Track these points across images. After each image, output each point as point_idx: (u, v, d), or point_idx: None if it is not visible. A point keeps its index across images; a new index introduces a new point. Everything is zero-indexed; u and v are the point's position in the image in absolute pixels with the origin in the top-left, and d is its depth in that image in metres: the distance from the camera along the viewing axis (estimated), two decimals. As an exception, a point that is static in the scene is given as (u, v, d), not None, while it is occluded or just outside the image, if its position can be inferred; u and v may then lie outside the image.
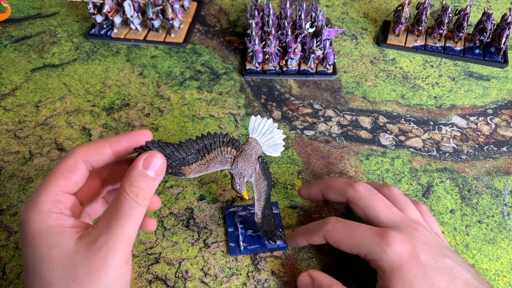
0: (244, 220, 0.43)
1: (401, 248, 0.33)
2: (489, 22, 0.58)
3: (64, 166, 0.31)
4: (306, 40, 0.58)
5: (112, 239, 0.29)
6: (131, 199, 0.30)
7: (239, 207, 0.45)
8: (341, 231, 0.36)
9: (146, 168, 0.31)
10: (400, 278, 0.33)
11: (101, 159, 0.33)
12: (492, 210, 0.45)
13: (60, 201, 0.31)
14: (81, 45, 0.63)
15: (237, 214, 0.44)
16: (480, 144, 0.51)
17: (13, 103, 0.55)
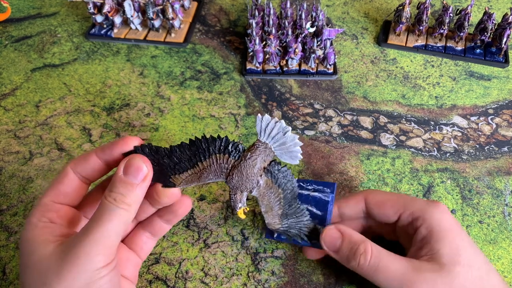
0: None
1: (448, 214, 0.34)
2: (490, 22, 0.58)
3: (55, 179, 0.32)
4: (307, 40, 0.58)
5: (86, 239, 0.28)
6: (109, 203, 0.29)
7: None
8: (384, 192, 0.37)
9: (126, 174, 0.30)
10: (448, 239, 0.33)
11: (89, 168, 0.32)
12: (493, 210, 0.45)
13: (49, 210, 0.31)
14: (81, 45, 0.63)
15: None
16: (481, 144, 0.51)
17: (13, 103, 0.55)
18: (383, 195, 0.37)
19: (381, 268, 0.33)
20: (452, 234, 0.33)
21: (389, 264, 0.33)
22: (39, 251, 0.29)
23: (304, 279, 0.40)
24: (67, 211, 0.32)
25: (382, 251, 0.34)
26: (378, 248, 0.34)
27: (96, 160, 0.32)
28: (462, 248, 0.33)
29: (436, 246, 0.33)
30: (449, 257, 0.32)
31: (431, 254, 0.33)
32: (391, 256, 0.33)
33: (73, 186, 0.32)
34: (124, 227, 0.30)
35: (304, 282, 0.40)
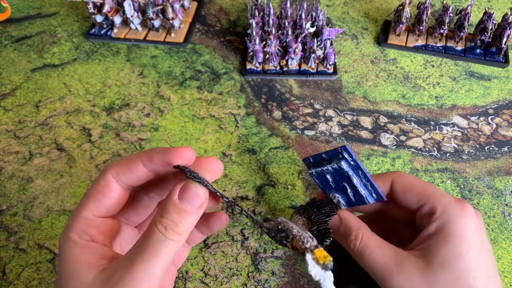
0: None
1: (471, 220, 0.32)
2: (490, 22, 0.58)
3: (95, 188, 0.29)
4: (307, 40, 0.58)
5: (129, 276, 0.25)
6: (159, 232, 0.26)
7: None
8: (415, 179, 0.35)
9: (182, 199, 0.27)
10: (453, 243, 0.31)
11: (134, 176, 0.29)
12: (493, 210, 0.45)
13: (90, 226, 0.28)
14: (81, 45, 0.63)
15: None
16: (481, 144, 0.51)
17: (13, 103, 0.55)
18: (412, 180, 0.35)
19: (367, 255, 0.33)
20: (460, 241, 0.31)
21: (375, 252, 0.33)
22: (79, 276, 0.26)
23: (304, 279, 0.40)
24: (108, 225, 0.29)
25: (373, 239, 0.34)
26: (369, 235, 0.34)
27: (142, 168, 0.29)
28: (464, 257, 0.30)
29: (435, 245, 0.32)
30: (442, 260, 0.31)
31: (426, 251, 0.32)
32: (380, 244, 0.33)
33: (116, 197, 0.29)
34: (171, 260, 0.27)
35: (304, 282, 0.40)
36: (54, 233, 0.43)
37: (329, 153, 0.35)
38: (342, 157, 0.34)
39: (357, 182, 0.35)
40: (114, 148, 0.50)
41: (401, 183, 0.35)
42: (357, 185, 0.35)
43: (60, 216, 0.45)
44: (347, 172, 0.34)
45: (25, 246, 0.42)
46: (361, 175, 0.35)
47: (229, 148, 0.51)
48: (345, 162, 0.34)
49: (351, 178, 0.35)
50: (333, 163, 0.35)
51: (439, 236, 0.32)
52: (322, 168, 0.35)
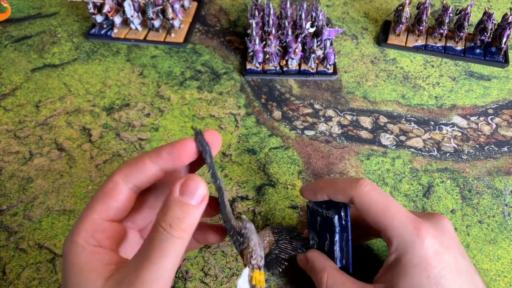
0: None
1: (429, 245, 0.31)
2: (490, 22, 0.58)
3: (103, 191, 0.28)
4: (307, 40, 0.58)
5: (139, 280, 0.24)
6: (163, 230, 0.25)
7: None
8: (375, 199, 0.33)
9: (183, 194, 0.26)
10: (412, 276, 0.31)
11: (144, 177, 0.28)
12: (493, 210, 0.45)
13: (98, 231, 0.27)
14: (81, 45, 0.63)
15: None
16: (481, 144, 0.51)
17: (13, 103, 0.55)
18: (371, 203, 0.33)
19: None
20: (419, 270, 0.31)
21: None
22: (87, 283, 0.26)
23: (304, 279, 0.40)
24: (114, 229, 0.28)
25: (338, 279, 0.34)
26: (334, 276, 0.34)
27: (151, 167, 0.28)
28: (426, 286, 0.30)
29: (396, 278, 0.31)
30: None
31: (388, 284, 0.32)
32: (346, 284, 0.34)
33: (124, 199, 0.28)
34: (178, 260, 0.26)
35: (304, 282, 0.40)
36: (54, 233, 0.43)
37: (332, 202, 0.36)
38: (339, 212, 0.35)
39: (336, 241, 0.35)
40: (114, 148, 0.51)
41: (359, 203, 0.33)
42: (335, 243, 0.35)
43: (60, 216, 0.45)
44: (335, 226, 0.35)
45: (25, 246, 0.42)
46: (343, 238, 0.35)
47: (229, 148, 0.51)
48: (338, 218, 0.35)
49: (334, 234, 0.35)
50: (330, 212, 0.35)
51: (399, 268, 0.32)
52: (319, 209, 0.36)
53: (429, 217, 0.34)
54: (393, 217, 0.32)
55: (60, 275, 0.40)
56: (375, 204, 0.33)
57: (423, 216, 0.34)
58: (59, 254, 0.42)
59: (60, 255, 0.42)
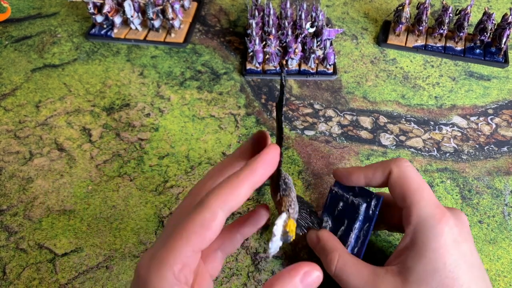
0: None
1: (449, 232, 0.31)
2: (490, 22, 0.58)
3: (200, 220, 0.25)
4: (307, 40, 0.58)
5: None
6: None
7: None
8: (412, 176, 0.33)
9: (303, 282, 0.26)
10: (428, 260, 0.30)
11: (239, 202, 0.26)
12: (492, 210, 0.45)
13: (188, 265, 0.25)
14: (81, 45, 0.63)
15: None
16: (481, 144, 0.51)
17: (13, 103, 0.55)
18: (406, 174, 0.33)
19: (344, 279, 0.34)
20: (436, 255, 0.30)
21: (351, 275, 0.33)
22: None
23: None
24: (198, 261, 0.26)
25: (349, 262, 0.34)
26: (345, 258, 0.34)
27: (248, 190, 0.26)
28: (441, 271, 0.30)
29: (411, 261, 0.31)
30: (418, 277, 0.30)
31: (402, 267, 0.32)
32: (357, 267, 0.33)
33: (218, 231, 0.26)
34: None
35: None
36: (54, 233, 0.43)
37: (363, 190, 0.35)
38: (369, 201, 0.35)
39: (355, 228, 0.35)
40: (114, 148, 0.51)
41: (397, 174, 0.34)
42: (352, 231, 0.35)
43: (60, 216, 0.45)
44: (358, 214, 0.35)
45: (25, 246, 0.42)
46: (364, 227, 0.35)
47: (229, 148, 0.51)
48: (365, 207, 0.35)
49: (355, 221, 0.35)
50: (358, 199, 0.35)
51: (414, 250, 0.31)
52: (345, 194, 0.36)
53: (450, 209, 0.34)
54: (422, 197, 0.32)
55: (60, 275, 0.40)
56: (410, 180, 0.33)
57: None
58: (59, 254, 0.42)
59: (61, 255, 0.42)
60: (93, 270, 0.41)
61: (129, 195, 0.46)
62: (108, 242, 0.43)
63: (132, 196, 0.46)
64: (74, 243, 0.43)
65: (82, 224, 0.44)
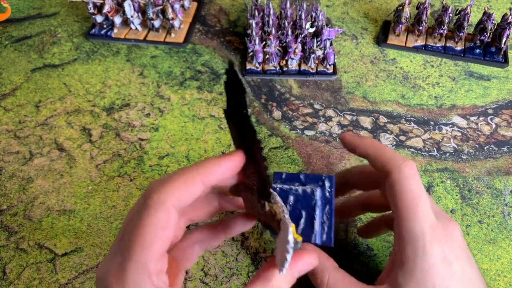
0: None
1: (439, 252, 0.29)
2: (490, 22, 0.58)
3: (155, 222, 0.24)
4: (307, 40, 0.58)
5: None
6: None
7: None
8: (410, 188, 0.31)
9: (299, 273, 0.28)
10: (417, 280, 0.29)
11: (192, 199, 0.26)
12: (492, 210, 0.45)
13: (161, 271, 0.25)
14: (81, 45, 0.63)
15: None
16: (481, 144, 0.51)
17: (13, 103, 0.55)
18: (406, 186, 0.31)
19: None
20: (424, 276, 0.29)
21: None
22: None
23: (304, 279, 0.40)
24: (167, 261, 0.26)
25: (340, 280, 0.33)
26: (335, 278, 0.33)
27: (201, 187, 0.26)
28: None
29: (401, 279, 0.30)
30: None
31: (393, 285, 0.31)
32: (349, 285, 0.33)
33: (175, 228, 0.26)
34: None
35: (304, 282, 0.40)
36: (54, 233, 0.43)
37: (309, 177, 0.34)
38: (321, 184, 0.33)
39: (317, 216, 0.33)
40: (114, 148, 0.51)
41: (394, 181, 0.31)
42: (315, 218, 0.33)
43: (60, 216, 0.45)
44: (316, 201, 0.33)
45: (25, 246, 0.42)
46: (326, 211, 0.33)
47: (229, 148, 0.51)
48: (320, 191, 0.33)
49: (315, 209, 0.33)
50: (307, 187, 0.33)
51: (404, 269, 0.30)
52: (292, 187, 0.34)
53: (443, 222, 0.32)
54: (415, 213, 0.30)
55: (60, 275, 0.40)
56: (407, 191, 0.31)
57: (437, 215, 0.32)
58: (59, 254, 0.42)
59: (61, 255, 0.42)
60: (93, 270, 0.41)
61: (129, 195, 0.46)
62: (108, 242, 0.43)
63: (132, 196, 0.46)
64: (74, 243, 0.43)
65: (82, 224, 0.44)
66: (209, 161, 0.26)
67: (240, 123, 0.26)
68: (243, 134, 0.27)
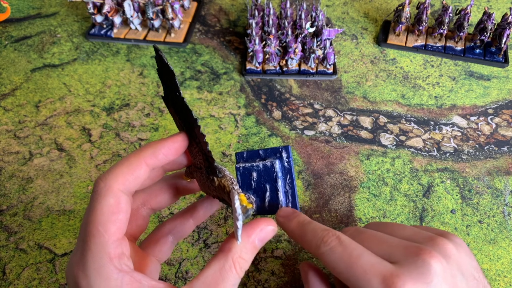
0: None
1: None
2: (490, 21, 0.58)
3: (105, 207, 0.25)
4: (307, 40, 0.58)
5: None
6: (236, 274, 0.26)
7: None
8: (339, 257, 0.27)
9: (260, 241, 0.27)
10: None
11: (139, 182, 0.27)
12: (492, 210, 0.45)
13: (122, 254, 0.25)
14: (81, 45, 0.63)
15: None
16: (481, 144, 0.51)
17: (13, 103, 0.55)
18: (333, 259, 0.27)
19: None
20: None
21: None
22: None
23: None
24: (128, 245, 0.26)
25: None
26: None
27: (146, 169, 0.27)
28: None
29: None
30: None
31: None
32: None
33: (128, 211, 0.26)
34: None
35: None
36: (54, 233, 0.43)
37: (268, 151, 0.34)
38: (279, 156, 0.34)
39: (280, 186, 0.33)
40: (114, 148, 0.51)
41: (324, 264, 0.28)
42: (279, 189, 0.33)
43: (60, 216, 0.45)
44: (276, 172, 0.33)
45: (25, 246, 0.42)
46: (287, 181, 0.34)
47: (229, 148, 0.51)
48: (279, 162, 0.33)
49: (276, 180, 0.33)
50: (267, 161, 0.33)
51: None
52: (253, 163, 0.34)
53: (409, 259, 0.26)
54: (359, 275, 0.26)
55: (60, 275, 0.40)
56: (339, 262, 0.27)
57: (399, 257, 0.27)
58: (59, 254, 0.42)
59: (61, 255, 0.42)
60: (93, 270, 0.41)
61: (129, 195, 0.46)
62: (108, 242, 0.43)
63: (132, 196, 0.46)
64: (74, 243, 0.43)
65: (82, 224, 0.44)
66: (151, 144, 0.27)
67: (177, 106, 0.27)
68: (182, 116, 0.28)
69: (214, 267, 0.26)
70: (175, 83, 0.26)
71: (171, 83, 0.27)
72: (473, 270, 0.27)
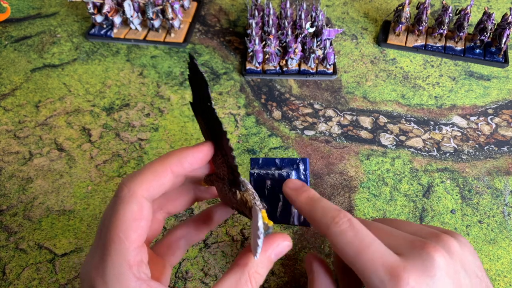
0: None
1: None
2: (490, 21, 0.58)
3: (128, 213, 0.24)
4: (306, 40, 0.58)
5: None
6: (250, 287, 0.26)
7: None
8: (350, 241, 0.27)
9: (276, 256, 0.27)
10: None
11: (163, 189, 0.26)
12: (492, 210, 0.45)
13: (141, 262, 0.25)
14: (81, 45, 0.63)
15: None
16: (481, 144, 0.51)
17: (13, 103, 0.55)
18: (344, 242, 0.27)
19: None
20: None
21: None
22: None
23: (304, 279, 0.40)
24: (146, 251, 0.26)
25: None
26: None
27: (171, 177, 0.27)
28: None
29: None
30: None
31: None
32: None
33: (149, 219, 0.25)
34: None
35: (304, 282, 0.40)
36: (54, 233, 0.43)
37: (284, 161, 0.34)
38: (296, 167, 0.33)
39: None
40: (114, 148, 0.51)
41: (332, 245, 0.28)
42: None
43: (60, 216, 0.45)
44: None
45: (25, 246, 0.42)
46: None
47: (229, 148, 0.51)
48: (295, 174, 0.33)
49: None
50: (283, 170, 0.33)
51: None
52: (268, 171, 0.34)
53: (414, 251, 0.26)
54: (366, 263, 0.26)
55: (60, 275, 0.40)
56: (348, 246, 0.27)
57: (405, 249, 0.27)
58: (59, 254, 0.42)
59: (61, 255, 0.42)
60: (93, 270, 0.41)
61: (129, 195, 0.46)
62: (108, 242, 0.43)
63: (132, 196, 0.46)
64: (74, 243, 0.43)
65: (82, 224, 0.44)
66: (177, 151, 0.27)
67: (206, 116, 0.27)
68: (210, 126, 0.27)
69: (230, 280, 0.26)
70: (208, 93, 0.25)
71: (203, 92, 0.26)
72: (476, 268, 0.28)
